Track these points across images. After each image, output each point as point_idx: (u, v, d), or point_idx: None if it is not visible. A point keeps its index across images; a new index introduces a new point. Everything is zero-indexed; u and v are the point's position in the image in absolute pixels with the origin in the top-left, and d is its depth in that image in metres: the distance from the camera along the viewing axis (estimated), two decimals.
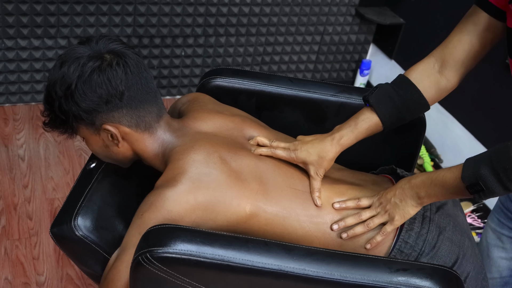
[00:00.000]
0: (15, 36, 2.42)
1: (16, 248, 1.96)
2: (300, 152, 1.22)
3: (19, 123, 2.49)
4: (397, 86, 1.24)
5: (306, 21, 2.88)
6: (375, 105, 1.22)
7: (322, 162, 1.21)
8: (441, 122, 2.63)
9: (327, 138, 1.23)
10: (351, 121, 1.24)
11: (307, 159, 1.22)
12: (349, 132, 1.23)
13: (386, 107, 1.22)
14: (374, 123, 1.23)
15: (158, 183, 1.13)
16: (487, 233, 1.45)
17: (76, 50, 1.15)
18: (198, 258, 0.98)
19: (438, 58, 1.25)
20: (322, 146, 1.22)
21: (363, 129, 1.23)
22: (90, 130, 1.19)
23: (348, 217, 1.19)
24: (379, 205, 1.18)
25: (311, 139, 1.24)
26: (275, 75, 1.50)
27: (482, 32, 1.19)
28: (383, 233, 1.17)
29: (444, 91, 1.27)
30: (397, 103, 1.23)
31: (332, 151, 1.22)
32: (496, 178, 1.01)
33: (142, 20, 2.58)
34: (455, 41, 1.22)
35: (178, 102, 1.41)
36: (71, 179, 2.26)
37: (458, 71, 1.24)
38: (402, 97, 1.23)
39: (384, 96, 1.23)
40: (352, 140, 1.24)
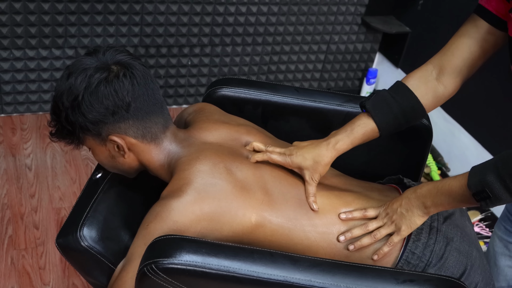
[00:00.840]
0: (23, 46, 2.43)
1: (23, 258, 1.96)
2: (295, 157, 1.21)
3: (27, 133, 2.50)
4: (394, 92, 1.24)
5: (312, 30, 2.88)
6: (372, 111, 1.22)
7: (317, 167, 1.21)
8: (448, 131, 2.62)
9: (322, 143, 1.23)
10: (347, 126, 1.24)
11: (302, 164, 1.21)
12: (345, 137, 1.22)
13: (382, 113, 1.22)
14: (370, 129, 1.22)
15: (164, 194, 1.13)
16: (494, 241, 1.44)
17: (83, 61, 1.16)
18: (203, 269, 0.98)
19: (436, 65, 1.24)
20: (317, 151, 1.21)
21: (359, 134, 1.22)
22: (97, 140, 1.19)
23: (354, 228, 1.18)
24: (385, 215, 1.18)
25: (307, 144, 1.24)
26: (281, 85, 1.50)
27: (481, 41, 1.19)
28: (390, 243, 1.17)
29: (441, 98, 1.26)
30: (394, 109, 1.22)
31: (327, 156, 1.21)
32: (502, 184, 1.00)
33: (149, 30, 2.59)
34: (453, 49, 1.22)
35: (184, 112, 1.41)
36: (77, 189, 2.26)
37: (455, 78, 1.24)
38: (399, 103, 1.22)
39: (381, 102, 1.22)
40: (348, 145, 1.23)
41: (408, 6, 2.89)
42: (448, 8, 2.63)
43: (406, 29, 2.89)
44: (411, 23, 2.89)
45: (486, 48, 1.20)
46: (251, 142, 1.25)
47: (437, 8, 2.70)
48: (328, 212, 1.20)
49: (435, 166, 2.59)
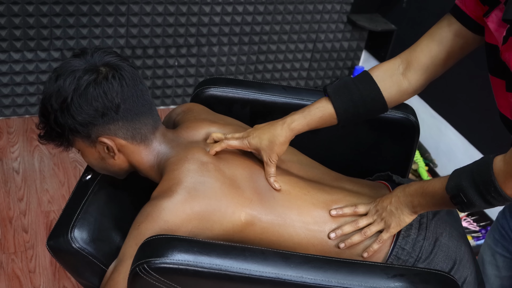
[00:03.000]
0: (8, 49, 2.42)
1: (12, 261, 1.95)
2: (252, 138, 1.21)
3: (13, 136, 2.49)
4: (358, 80, 1.22)
5: (298, 29, 2.89)
6: (332, 96, 1.20)
7: (273, 147, 1.19)
8: (435, 127, 2.65)
9: (278, 122, 1.22)
10: (306, 108, 1.22)
11: (259, 145, 1.20)
12: (301, 117, 1.21)
13: (342, 100, 1.20)
14: (328, 114, 1.21)
15: (154, 194, 1.14)
16: (484, 249, 1.45)
17: (71, 63, 1.15)
18: (195, 268, 0.98)
19: (404, 60, 1.23)
20: (272, 131, 1.20)
21: (317, 117, 1.21)
22: (86, 142, 1.19)
23: (345, 225, 1.19)
24: (375, 212, 1.19)
25: (264, 125, 1.23)
26: (269, 84, 1.50)
27: (452, 42, 1.18)
28: (380, 241, 1.18)
29: (405, 93, 1.25)
30: (354, 97, 1.21)
31: (282, 135, 1.20)
32: (476, 190, 1.00)
33: (135, 31, 2.58)
34: (423, 46, 1.21)
35: (173, 112, 1.41)
36: (66, 191, 2.25)
37: (421, 75, 1.23)
38: (360, 91, 1.21)
39: (343, 88, 1.21)
40: (303, 126, 1.22)
41: (393, 3, 2.91)
42: (433, 5, 2.65)
43: (391, 26, 2.91)
44: (397, 20, 2.91)
45: (456, 49, 1.19)
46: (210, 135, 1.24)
47: (422, 5, 2.73)
48: (319, 208, 1.21)
49: (422, 162, 2.61)
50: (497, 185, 0.98)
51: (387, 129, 1.46)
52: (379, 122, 1.44)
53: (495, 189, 0.98)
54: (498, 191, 0.98)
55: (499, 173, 0.97)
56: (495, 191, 0.98)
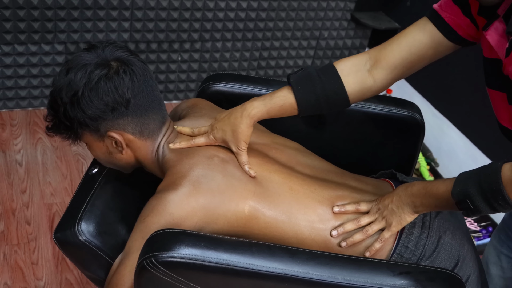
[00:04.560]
0: (12, 41, 2.42)
1: (15, 253, 1.95)
2: (216, 132, 1.20)
3: (17, 129, 2.49)
4: (322, 72, 1.19)
5: (302, 26, 2.89)
6: (294, 86, 1.18)
7: (238, 136, 1.18)
8: (437, 126, 2.65)
9: (237, 110, 1.19)
10: (267, 95, 1.20)
11: (224, 138, 1.19)
12: (261, 105, 1.18)
13: (304, 91, 1.18)
14: (289, 104, 1.19)
15: (160, 188, 1.14)
16: (489, 249, 1.45)
17: (83, 57, 1.16)
18: (202, 262, 0.99)
19: (372, 57, 1.20)
20: (233, 120, 1.18)
21: (277, 105, 1.18)
22: (95, 136, 1.19)
23: (347, 223, 1.19)
24: (377, 210, 1.18)
25: (224, 115, 1.21)
26: (275, 80, 1.51)
27: (425, 46, 1.16)
28: (381, 239, 1.18)
29: (368, 91, 1.22)
30: (317, 89, 1.18)
31: (243, 123, 1.17)
32: (483, 198, 1.00)
33: (139, 26, 2.58)
34: (394, 45, 1.19)
35: (178, 108, 1.42)
36: (68, 184, 2.26)
37: (387, 75, 1.20)
38: (323, 84, 1.18)
39: (306, 78, 1.18)
40: (263, 114, 1.19)
41: (397, 2, 2.91)
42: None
43: (395, 25, 2.91)
44: (401, 19, 2.91)
45: (428, 54, 1.17)
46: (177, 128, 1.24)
47: (426, 3, 2.73)
48: (324, 205, 1.21)
49: (424, 161, 2.62)
50: (505, 194, 0.97)
51: (393, 127, 1.46)
52: (385, 120, 1.45)
53: (503, 197, 0.97)
54: (505, 200, 0.97)
55: (507, 182, 0.97)
56: (503, 199, 0.97)
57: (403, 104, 1.47)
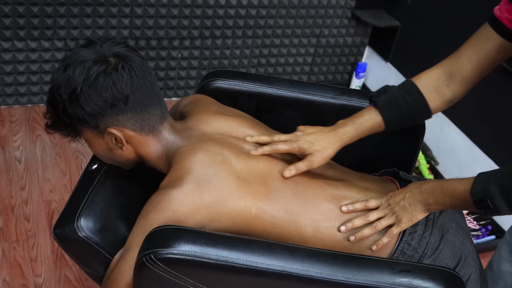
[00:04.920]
0: (12, 38, 2.41)
1: (14, 249, 1.95)
2: (302, 142, 1.22)
3: (16, 125, 2.48)
4: (406, 92, 1.26)
5: (302, 24, 2.89)
6: (382, 108, 1.25)
7: (323, 154, 1.21)
8: (437, 125, 2.65)
9: (330, 132, 1.24)
10: (355, 119, 1.26)
11: (308, 150, 1.21)
12: (353, 129, 1.25)
13: (392, 112, 1.25)
14: (378, 124, 1.26)
15: (163, 184, 1.13)
16: (502, 246, 1.45)
17: (81, 53, 1.15)
18: (202, 259, 0.98)
19: (446, 71, 1.27)
20: (325, 138, 1.22)
21: (367, 128, 1.26)
22: (94, 133, 1.19)
23: (355, 218, 1.19)
24: (387, 206, 1.19)
25: (314, 130, 1.25)
26: (276, 77, 1.50)
27: (492, 52, 1.21)
28: (390, 235, 1.18)
29: (448, 103, 1.30)
30: (403, 110, 1.26)
31: (333, 146, 1.23)
32: (504, 198, 1.00)
33: (139, 22, 2.58)
34: (464, 58, 1.24)
35: (180, 103, 1.41)
36: (68, 181, 2.25)
37: (464, 86, 1.27)
38: (409, 104, 1.25)
39: (392, 100, 1.26)
40: (354, 138, 1.25)
41: (398, 0, 2.91)
42: (438, 2, 2.65)
43: (396, 23, 2.90)
44: (401, 17, 2.90)
45: (496, 59, 1.22)
46: (254, 135, 1.26)
47: (427, 2, 2.72)
48: (331, 204, 1.21)
49: (423, 160, 2.61)
50: None
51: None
52: None
53: None
54: None
55: None
56: None
57: None
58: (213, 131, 1.24)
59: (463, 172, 2.51)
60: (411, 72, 3.07)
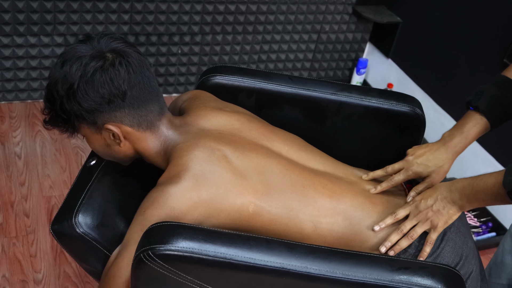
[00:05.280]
0: (11, 33, 2.40)
1: (13, 245, 1.95)
2: (416, 167, 1.24)
3: (16, 121, 2.48)
4: (504, 88, 1.26)
5: (303, 19, 2.88)
6: (486, 111, 1.26)
7: (439, 173, 1.23)
8: (438, 121, 2.64)
9: (440, 148, 1.25)
10: (461, 127, 1.27)
11: (424, 173, 1.24)
12: (462, 139, 1.26)
13: (496, 112, 1.26)
14: (484, 127, 1.27)
15: (161, 180, 1.13)
16: (505, 239, 1.46)
17: (78, 49, 1.14)
18: (200, 256, 0.98)
19: None
20: (438, 157, 1.24)
21: (475, 133, 1.27)
22: (92, 129, 1.18)
23: (392, 235, 1.18)
24: (418, 213, 1.19)
25: (424, 151, 1.26)
26: (275, 73, 1.49)
27: None
28: (431, 243, 1.17)
29: None
30: (507, 106, 1.26)
31: (448, 162, 1.24)
32: None
33: (139, 18, 2.57)
34: None
35: (179, 99, 1.40)
36: (67, 177, 2.25)
37: None
38: (510, 100, 1.26)
39: (493, 101, 1.26)
40: (465, 146, 1.27)
41: None
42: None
43: (397, 19, 2.89)
44: (402, 13, 2.89)
45: None
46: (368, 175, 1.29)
47: None
48: (334, 200, 1.20)
49: None
50: None
51: (393, 122, 1.45)
52: (386, 115, 1.44)
53: None
54: None
55: None
56: None
57: (404, 99, 1.46)
58: (213, 127, 1.24)
59: (463, 169, 2.50)
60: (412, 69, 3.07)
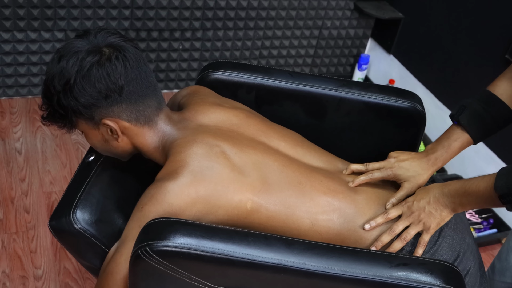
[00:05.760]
0: (12, 28, 2.40)
1: (14, 241, 1.95)
2: (397, 169, 1.25)
3: (16, 116, 2.48)
4: (486, 104, 1.28)
5: (304, 15, 2.87)
6: (467, 126, 1.27)
7: (418, 181, 1.25)
8: (439, 118, 2.63)
9: (423, 159, 1.27)
10: (443, 141, 1.28)
11: (403, 176, 1.25)
12: (443, 152, 1.27)
13: (477, 127, 1.27)
14: (466, 141, 1.28)
15: (159, 176, 1.13)
16: (511, 237, 1.45)
17: (74, 44, 1.14)
18: (198, 252, 0.98)
19: None
20: (419, 165, 1.26)
21: (456, 148, 1.28)
22: (89, 124, 1.18)
23: (383, 235, 1.19)
24: (410, 214, 1.19)
25: (407, 157, 1.28)
26: (275, 69, 1.49)
27: None
28: (423, 244, 1.18)
29: None
30: (488, 122, 1.28)
31: (428, 172, 1.25)
32: None
33: (140, 13, 2.56)
34: None
35: (178, 95, 1.40)
36: (68, 173, 2.25)
37: None
38: (492, 116, 1.27)
39: (475, 116, 1.27)
40: (447, 160, 1.28)
41: None
42: None
43: (399, 14, 2.88)
44: (404, 8, 2.88)
45: None
46: (348, 167, 1.28)
47: None
48: (330, 197, 1.20)
49: None
50: None
51: (393, 117, 1.45)
52: (386, 111, 1.43)
53: None
54: None
55: None
56: None
57: (405, 95, 1.45)
58: (211, 122, 1.23)
59: (465, 165, 2.49)
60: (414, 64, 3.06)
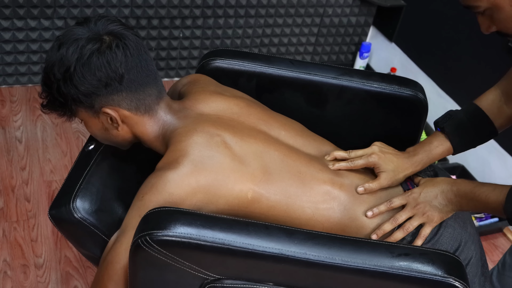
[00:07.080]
0: (11, 16, 2.38)
1: (14, 230, 1.95)
2: (378, 158, 1.25)
3: (16, 105, 2.47)
4: (472, 117, 1.31)
5: (305, 3, 2.85)
6: (451, 135, 1.30)
7: (396, 176, 1.24)
8: (441, 106, 2.62)
9: (404, 159, 1.27)
10: (425, 146, 1.30)
11: (383, 167, 1.24)
12: (424, 156, 1.28)
13: (460, 137, 1.30)
14: (447, 149, 1.30)
15: (160, 165, 1.12)
16: None
17: (75, 32, 1.13)
18: (198, 242, 0.97)
19: (503, 92, 1.32)
20: (400, 163, 1.26)
21: (437, 154, 1.29)
22: (89, 113, 1.17)
23: (385, 224, 1.19)
24: (415, 205, 1.19)
25: (390, 151, 1.28)
26: (276, 57, 1.47)
27: None
28: (424, 236, 1.18)
29: (510, 120, 1.34)
30: (471, 134, 1.31)
31: (406, 172, 1.26)
32: None
33: (140, 1, 2.55)
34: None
35: (178, 83, 1.39)
36: (68, 162, 2.24)
37: None
38: (476, 127, 1.30)
39: (460, 127, 1.30)
40: (426, 164, 1.29)
41: None
42: None
43: (401, 2, 2.86)
44: None
45: None
46: (331, 152, 1.27)
47: None
48: (329, 185, 1.19)
49: None
50: None
51: (395, 106, 1.44)
52: (387, 99, 1.42)
53: None
54: None
55: None
56: None
57: (406, 83, 1.44)
58: (211, 111, 1.22)
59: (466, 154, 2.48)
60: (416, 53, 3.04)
